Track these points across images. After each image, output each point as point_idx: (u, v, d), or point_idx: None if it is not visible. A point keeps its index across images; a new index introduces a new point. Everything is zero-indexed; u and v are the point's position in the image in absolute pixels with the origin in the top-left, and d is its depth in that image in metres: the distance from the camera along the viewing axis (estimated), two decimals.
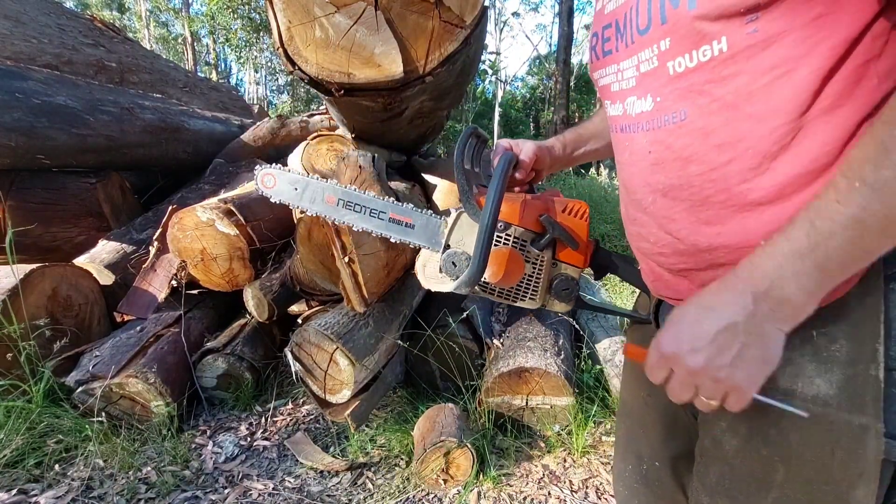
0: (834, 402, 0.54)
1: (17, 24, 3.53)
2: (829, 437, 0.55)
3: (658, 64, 0.57)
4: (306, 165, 2.89)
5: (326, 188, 0.99)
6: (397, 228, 0.98)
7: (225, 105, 5.20)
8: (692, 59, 0.53)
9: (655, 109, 0.59)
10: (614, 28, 0.64)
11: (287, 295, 2.34)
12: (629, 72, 0.62)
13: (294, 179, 1.01)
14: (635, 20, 0.59)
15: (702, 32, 0.51)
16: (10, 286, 1.94)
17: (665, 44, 0.55)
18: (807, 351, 0.56)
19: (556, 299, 0.82)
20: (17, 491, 1.59)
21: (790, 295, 0.50)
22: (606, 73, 0.68)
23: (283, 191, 1.02)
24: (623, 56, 0.62)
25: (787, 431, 0.57)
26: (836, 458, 0.54)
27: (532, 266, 0.80)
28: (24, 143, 2.35)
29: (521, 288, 0.81)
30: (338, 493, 1.75)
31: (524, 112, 25.47)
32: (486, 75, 14.72)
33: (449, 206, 2.74)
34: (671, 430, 0.80)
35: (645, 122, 0.61)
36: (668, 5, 0.53)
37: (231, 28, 15.19)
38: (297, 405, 2.29)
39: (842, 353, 0.54)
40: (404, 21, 1.69)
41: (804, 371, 0.56)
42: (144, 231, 2.77)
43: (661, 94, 0.58)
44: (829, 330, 0.55)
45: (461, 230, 0.83)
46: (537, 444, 2.02)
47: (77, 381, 1.93)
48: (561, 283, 0.81)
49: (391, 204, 0.98)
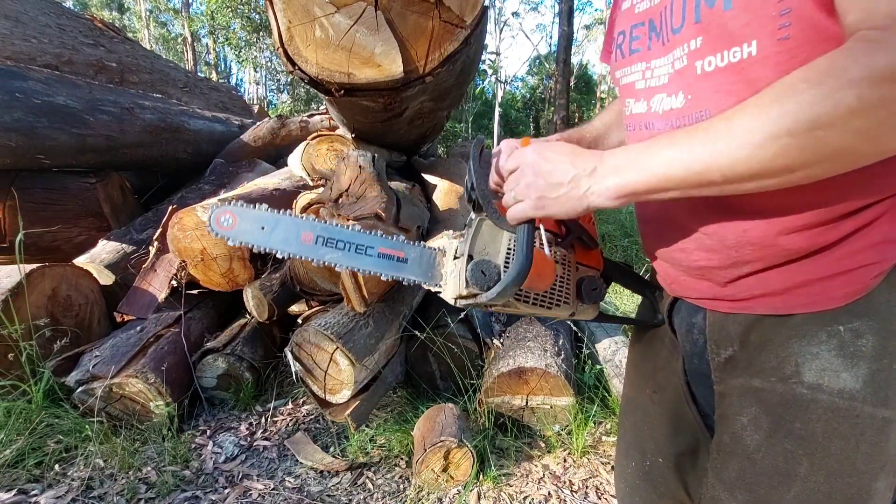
0: (860, 395, 0.55)
1: (17, 24, 3.53)
2: (855, 430, 0.56)
3: (687, 63, 0.59)
4: (306, 165, 2.89)
5: (302, 224, 0.87)
6: (388, 264, 0.89)
7: (225, 105, 5.21)
8: (723, 59, 0.54)
9: (687, 106, 0.60)
10: (647, 27, 0.65)
11: (287, 295, 2.33)
12: (662, 69, 0.63)
13: (260, 217, 0.87)
14: (670, 19, 0.60)
15: (734, 34, 0.52)
16: (10, 286, 1.94)
17: (696, 42, 0.57)
18: (833, 346, 0.57)
19: (586, 302, 0.78)
20: (17, 491, 1.59)
21: (608, 184, 0.58)
22: (632, 70, 0.69)
23: (245, 231, 0.87)
24: (657, 54, 0.64)
25: (813, 425, 0.58)
26: (861, 451, 0.56)
27: (561, 267, 0.77)
28: (24, 143, 2.35)
29: (555, 293, 0.77)
30: (338, 493, 1.75)
31: (524, 112, 25.49)
32: (486, 75, 14.73)
33: (449, 205, 2.74)
34: (676, 427, 0.80)
35: (675, 119, 0.62)
36: (704, 5, 0.55)
37: (231, 27, 15.19)
38: (297, 405, 2.29)
39: (868, 347, 0.55)
40: (404, 21, 1.69)
41: (831, 365, 0.57)
42: (144, 231, 2.77)
43: (692, 92, 0.59)
44: (856, 325, 0.56)
45: (482, 238, 0.77)
46: (537, 444, 2.02)
47: (77, 381, 1.93)
48: (588, 283, 0.78)
49: (379, 238, 0.89)
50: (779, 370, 0.60)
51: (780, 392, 0.60)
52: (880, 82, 0.41)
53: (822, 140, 0.44)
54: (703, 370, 0.71)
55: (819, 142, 0.44)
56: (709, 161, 0.50)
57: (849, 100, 0.42)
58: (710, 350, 0.69)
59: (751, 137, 0.47)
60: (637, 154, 0.57)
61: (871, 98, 0.42)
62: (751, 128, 0.47)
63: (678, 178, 0.53)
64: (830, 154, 0.45)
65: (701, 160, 0.50)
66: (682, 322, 0.75)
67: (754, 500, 0.62)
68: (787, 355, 0.60)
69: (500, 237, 0.76)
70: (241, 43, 15.37)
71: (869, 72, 0.42)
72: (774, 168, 0.47)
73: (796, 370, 0.59)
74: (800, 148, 0.45)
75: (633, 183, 0.56)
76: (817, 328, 0.58)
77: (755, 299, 0.62)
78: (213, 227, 0.87)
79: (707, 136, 0.50)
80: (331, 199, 2.04)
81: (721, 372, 0.68)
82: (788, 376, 0.59)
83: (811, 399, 0.58)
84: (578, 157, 0.61)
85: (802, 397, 0.58)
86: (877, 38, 0.42)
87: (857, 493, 0.56)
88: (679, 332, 0.77)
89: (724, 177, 0.50)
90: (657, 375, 0.83)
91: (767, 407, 0.61)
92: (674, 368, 0.78)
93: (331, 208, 1.87)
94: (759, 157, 0.47)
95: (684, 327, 0.75)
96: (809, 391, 0.58)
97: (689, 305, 0.73)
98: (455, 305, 0.83)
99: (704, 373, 0.71)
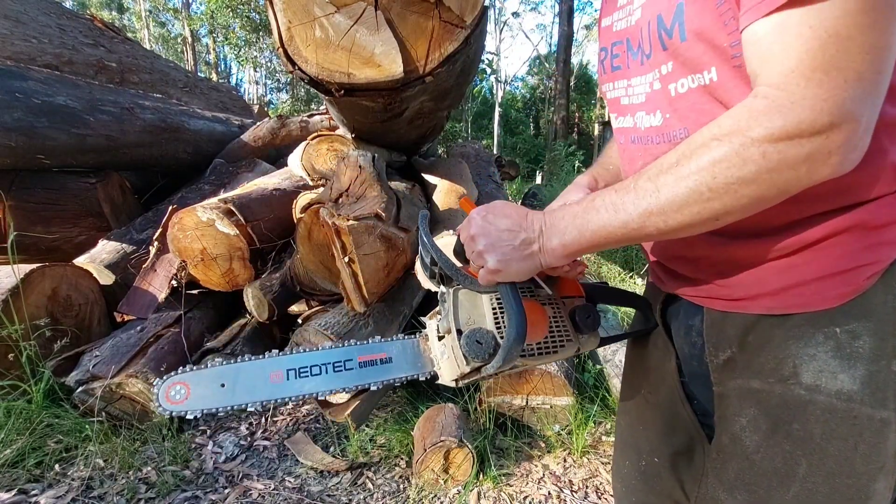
0: (857, 396, 0.56)
1: (17, 24, 3.53)
2: (853, 431, 0.56)
3: (662, 85, 0.62)
4: (306, 165, 2.89)
5: (266, 365, 0.80)
6: (374, 371, 0.81)
7: (225, 105, 5.20)
8: (693, 82, 0.58)
9: (665, 124, 0.64)
10: (625, 45, 0.68)
11: (287, 295, 2.34)
12: (640, 88, 0.66)
13: (216, 374, 0.78)
14: (642, 44, 0.64)
15: (696, 61, 0.56)
16: (10, 286, 1.94)
17: (668, 67, 0.60)
18: (830, 347, 0.57)
19: (585, 332, 0.76)
20: (17, 491, 1.59)
21: (554, 244, 0.63)
22: (615, 87, 0.72)
23: (202, 397, 0.77)
24: (635, 73, 0.67)
25: (811, 426, 0.58)
26: (859, 452, 0.56)
27: (550, 308, 0.75)
28: (24, 143, 2.35)
29: (555, 335, 0.74)
30: (338, 493, 1.75)
31: (524, 112, 25.47)
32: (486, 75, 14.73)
33: (449, 205, 2.74)
34: (671, 427, 0.80)
35: (655, 136, 0.66)
36: (665, 35, 0.58)
37: (230, 27, 15.19)
38: (297, 405, 2.29)
39: (865, 349, 0.56)
40: (404, 21, 1.69)
41: (828, 367, 0.57)
42: (144, 231, 2.77)
43: (669, 111, 0.63)
44: (853, 327, 0.57)
45: (464, 309, 0.73)
46: (537, 444, 2.02)
47: (77, 381, 1.93)
48: (581, 313, 0.76)
49: (354, 347, 0.81)
50: (777, 371, 0.61)
51: (779, 393, 0.60)
52: (777, 140, 0.47)
53: (738, 193, 0.50)
54: (702, 372, 0.72)
55: (736, 194, 0.50)
56: (643, 220, 0.55)
57: (755, 157, 0.48)
58: (709, 352, 0.69)
59: (675, 198, 0.52)
60: (575, 217, 0.61)
61: (772, 154, 0.47)
62: (674, 189, 0.52)
63: (619, 236, 0.58)
64: (747, 204, 0.51)
65: (636, 220, 0.55)
66: (680, 325, 0.76)
67: (754, 500, 0.63)
68: (785, 357, 0.60)
69: (479, 302, 0.73)
70: (240, 43, 15.38)
71: (768, 132, 0.47)
72: (703, 220, 0.53)
73: (794, 371, 0.59)
74: (721, 202, 0.51)
75: (575, 243, 0.61)
76: (814, 330, 0.58)
77: (751, 299, 0.63)
78: (163, 404, 0.76)
79: (637, 197, 0.55)
80: (331, 199, 2.04)
81: (720, 374, 0.68)
82: (787, 377, 0.60)
83: (809, 400, 0.58)
84: (524, 218, 0.65)
85: (800, 398, 0.59)
86: (773, 97, 0.47)
87: (855, 494, 0.57)
88: (676, 335, 0.77)
89: (660, 231, 0.55)
90: (651, 376, 0.84)
91: (766, 408, 0.61)
92: (667, 368, 0.79)
93: (331, 208, 1.88)
94: (686, 213, 0.53)
95: (682, 330, 0.75)
96: (807, 392, 0.58)
97: (687, 308, 0.74)
98: (458, 387, 0.78)
99: (704, 374, 0.71)
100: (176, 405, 0.77)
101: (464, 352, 0.68)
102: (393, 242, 1.98)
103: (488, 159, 4.87)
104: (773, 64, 0.47)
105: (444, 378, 0.79)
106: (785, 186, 0.50)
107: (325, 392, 0.81)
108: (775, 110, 0.47)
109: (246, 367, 0.79)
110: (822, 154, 0.47)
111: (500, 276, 0.66)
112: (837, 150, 0.47)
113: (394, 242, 1.98)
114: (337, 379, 0.80)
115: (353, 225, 1.80)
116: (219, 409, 0.78)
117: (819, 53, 0.45)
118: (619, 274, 4.29)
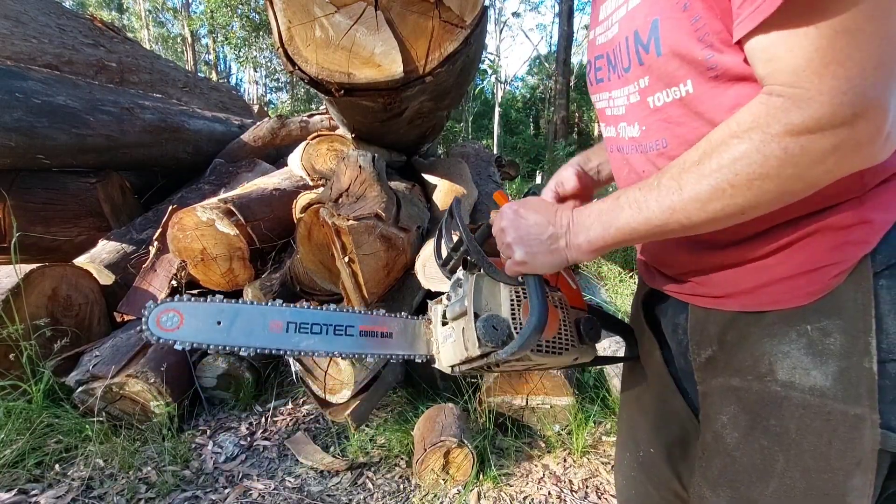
0: (830, 392, 0.57)
1: (17, 24, 3.53)
2: (827, 426, 0.57)
3: (640, 98, 0.64)
4: (306, 165, 2.90)
5: (268, 312, 0.78)
6: (372, 342, 0.81)
7: (225, 105, 5.20)
8: (668, 96, 0.60)
9: (642, 137, 0.66)
10: (606, 60, 0.70)
11: (287, 295, 2.33)
12: (620, 100, 0.68)
13: (214, 310, 0.75)
14: (620, 59, 0.65)
15: (672, 75, 0.58)
16: (10, 286, 1.94)
17: (645, 81, 0.62)
18: (803, 344, 0.59)
19: (586, 342, 0.78)
20: (17, 491, 1.59)
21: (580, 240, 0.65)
22: (600, 98, 0.74)
23: (196, 330, 0.74)
24: (615, 86, 0.69)
25: (787, 422, 0.59)
26: (834, 448, 0.57)
27: (561, 311, 0.77)
28: (24, 143, 2.35)
29: (561, 338, 0.75)
30: (338, 493, 1.75)
31: (524, 112, 25.47)
32: (486, 75, 14.72)
33: (449, 205, 2.73)
34: (663, 417, 0.82)
35: (636, 146, 0.68)
36: (641, 50, 0.60)
37: (230, 27, 15.19)
38: (297, 405, 2.29)
39: (836, 346, 0.57)
40: (404, 21, 1.69)
41: (801, 363, 0.59)
42: (144, 231, 2.77)
43: (646, 124, 0.65)
44: (824, 325, 0.58)
45: (483, 294, 0.74)
46: (537, 444, 2.02)
47: (77, 381, 1.93)
48: (586, 323, 0.78)
49: (359, 315, 0.81)
50: (754, 369, 0.62)
51: (756, 390, 0.62)
52: (798, 135, 0.47)
53: (762, 188, 0.50)
54: (689, 370, 0.74)
55: (760, 190, 0.51)
56: (667, 217, 0.56)
57: (776, 153, 0.48)
58: (692, 350, 0.72)
59: (698, 196, 0.53)
60: (601, 214, 0.63)
61: (794, 149, 0.48)
62: (696, 187, 0.53)
63: (642, 232, 0.59)
64: (772, 199, 0.52)
65: (660, 217, 0.57)
66: (668, 322, 0.79)
67: (736, 497, 0.64)
68: (761, 354, 0.62)
69: (497, 291, 0.74)
70: (240, 42, 15.37)
71: (787, 127, 0.47)
72: (727, 215, 0.54)
73: (770, 368, 0.61)
74: (744, 198, 0.51)
75: (600, 239, 0.63)
76: (788, 327, 0.60)
77: (729, 297, 0.65)
78: (154, 332, 0.73)
79: (661, 195, 0.56)
80: (331, 199, 2.04)
81: (703, 372, 0.71)
82: (763, 374, 0.61)
83: (784, 396, 0.59)
84: (553, 214, 0.68)
85: (776, 395, 0.60)
86: (788, 95, 0.47)
87: (832, 490, 0.57)
88: (666, 332, 0.81)
89: (683, 227, 0.57)
90: (644, 368, 0.87)
91: (745, 405, 0.63)
92: (655, 359, 0.82)
93: (331, 208, 1.88)
94: (710, 209, 0.53)
95: (670, 327, 0.79)
96: (783, 389, 0.60)
97: (675, 306, 0.76)
98: (452, 374, 0.78)
99: (690, 372, 0.74)
100: (165, 332, 0.74)
101: (479, 334, 0.69)
102: (393, 242, 1.98)
103: (488, 159, 4.87)
104: (783, 64, 0.47)
105: (441, 363, 0.80)
106: (814, 180, 0.50)
107: (321, 353, 0.80)
108: (793, 106, 0.47)
109: (247, 309, 0.77)
110: (850, 145, 0.47)
111: (526, 269, 0.69)
112: (868, 141, 0.47)
113: (394, 242, 1.98)
114: (335, 342, 0.80)
115: (353, 225, 1.80)
116: (210, 345, 0.75)
117: (829, 48, 0.45)
118: (619, 274, 4.28)
